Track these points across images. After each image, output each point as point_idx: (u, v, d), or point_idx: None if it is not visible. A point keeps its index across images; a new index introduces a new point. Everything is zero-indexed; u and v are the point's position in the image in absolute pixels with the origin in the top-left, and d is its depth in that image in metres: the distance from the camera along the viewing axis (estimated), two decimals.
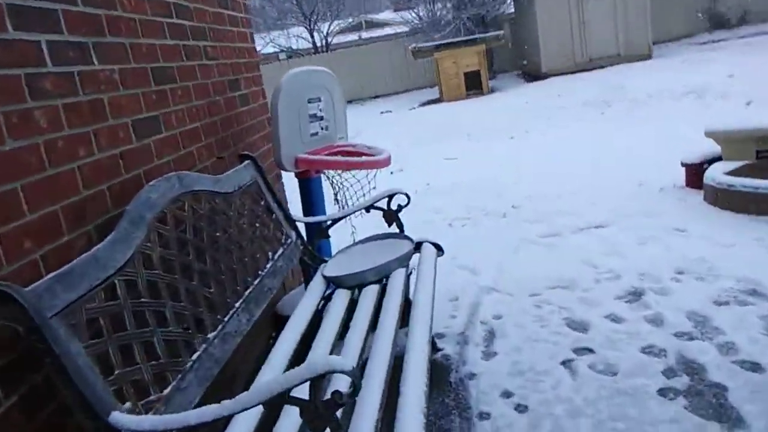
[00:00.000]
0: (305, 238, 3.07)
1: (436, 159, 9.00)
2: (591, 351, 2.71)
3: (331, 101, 3.41)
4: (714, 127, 5.02)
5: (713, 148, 5.06)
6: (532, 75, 16.87)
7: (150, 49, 2.39)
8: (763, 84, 9.53)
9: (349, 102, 21.05)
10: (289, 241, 2.80)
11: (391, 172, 8.67)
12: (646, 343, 2.70)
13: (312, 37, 25.60)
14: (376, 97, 21.03)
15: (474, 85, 16.01)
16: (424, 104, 16.86)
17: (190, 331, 1.81)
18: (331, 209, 3.41)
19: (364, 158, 3.16)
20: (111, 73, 2.07)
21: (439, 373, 2.72)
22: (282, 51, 25.38)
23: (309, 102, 3.21)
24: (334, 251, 3.39)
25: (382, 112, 16.74)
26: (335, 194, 3.57)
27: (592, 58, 15.61)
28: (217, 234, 2.20)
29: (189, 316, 1.84)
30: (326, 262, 2.85)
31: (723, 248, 3.63)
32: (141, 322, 1.64)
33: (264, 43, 25.87)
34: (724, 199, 4.33)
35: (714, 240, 3.78)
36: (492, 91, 16.25)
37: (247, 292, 2.21)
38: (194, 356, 1.77)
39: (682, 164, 5.21)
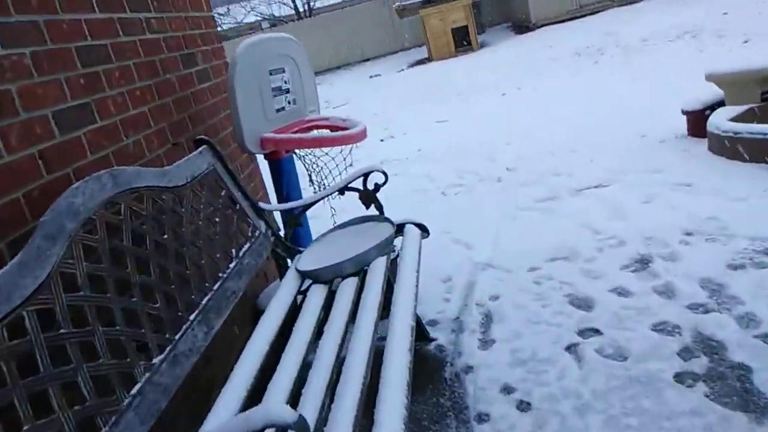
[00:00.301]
0: (281, 226, 2.79)
1: (427, 122, 8.67)
2: (598, 332, 2.45)
3: (297, 71, 3.09)
4: (714, 69, 4.69)
5: (715, 92, 4.74)
6: (522, 26, 16.34)
7: (73, 26, 2.07)
8: (759, 20, 9.13)
9: (337, 68, 20.56)
10: (257, 233, 2.51)
11: (381, 140, 8.35)
12: (658, 319, 2.44)
13: (294, 2, 24.83)
14: (365, 60, 20.49)
15: (463, 42, 15.51)
16: (412, 65, 16.39)
17: (128, 360, 1.54)
18: (307, 192, 3.12)
19: (337, 133, 2.85)
20: (20, 58, 1.76)
21: (433, 367, 2.47)
22: (264, 19, 24.65)
23: (271, 74, 2.88)
24: (315, 237, 3.12)
25: (371, 76, 16.30)
26: (309, 175, 3.27)
27: (582, 5, 15.08)
28: (165, 237, 1.91)
29: (127, 341, 1.57)
30: (301, 253, 2.58)
31: (734, 203, 3.35)
32: (61, 359, 1.37)
33: (245, 12, 25.16)
34: (731, 147, 4.03)
35: (724, 194, 3.49)
36: (481, 46, 15.76)
37: (204, 301, 1.94)
38: (134, 390, 1.51)
39: (683, 112, 4.89)
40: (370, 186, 2.61)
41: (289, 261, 2.64)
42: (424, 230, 2.58)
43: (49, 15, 1.94)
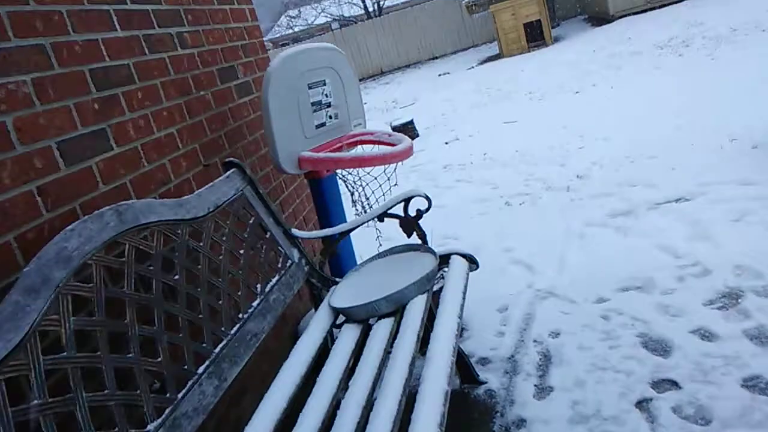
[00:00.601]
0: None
1: (494, 123, 8.29)
2: (675, 385, 2.09)
3: (340, 83, 2.87)
4: None
5: None
6: (599, 18, 15.54)
7: (88, 47, 1.93)
8: None
9: (407, 66, 20.34)
10: (288, 263, 2.32)
11: (446, 143, 8.07)
12: (750, 373, 2.06)
13: (363, 2, 24.79)
14: (434, 58, 20.17)
15: (535, 37, 14.90)
16: (482, 62, 15.93)
17: (115, 430, 1.36)
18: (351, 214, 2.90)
19: (379, 151, 2.62)
20: (19, 86, 1.63)
21: (481, 417, 2.20)
22: (334, 20, 24.76)
23: (310, 87, 2.68)
24: (359, 260, 2.90)
25: (439, 75, 15.98)
26: (352, 195, 3.05)
27: None
28: (176, 277, 1.74)
29: (116, 407, 1.39)
30: (337, 284, 2.36)
31: None
32: None
33: (316, 14, 25.36)
34: None
35: None
36: (555, 40, 15.10)
37: (218, 349, 1.75)
38: None
39: None
40: (412, 212, 2.35)
41: (324, 292, 2.43)
42: (473, 261, 2.30)
43: (58, 37, 1.81)
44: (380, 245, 2.98)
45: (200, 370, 1.64)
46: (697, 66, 8.05)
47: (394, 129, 8.81)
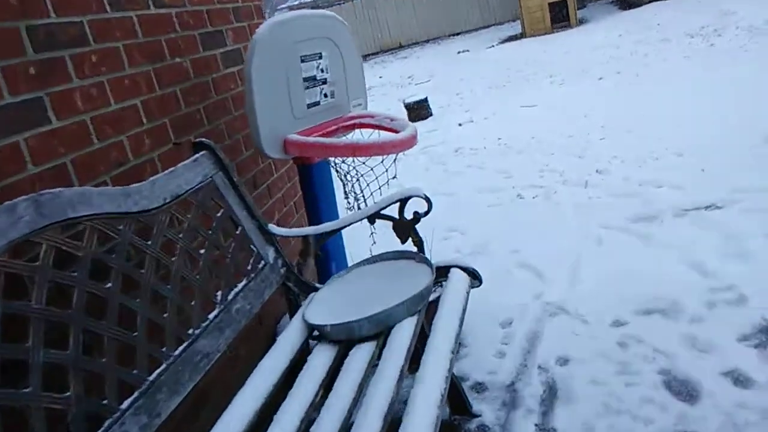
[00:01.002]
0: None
1: (512, 106, 7.89)
2: None
3: (339, 56, 2.52)
4: None
5: None
6: (627, 2, 14.91)
7: (26, 1, 1.60)
8: None
9: (426, 41, 19.76)
10: (261, 265, 2.00)
11: (460, 124, 7.69)
12: None
13: None
14: (455, 34, 19.57)
15: (560, 17, 14.33)
16: (504, 41, 15.38)
17: None
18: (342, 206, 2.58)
19: (378, 139, 2.28)
20: None
21: None
22: None
23: (303, 61, 2.34)
24: (350, 261, 2.59)
25: (458, 52, 15.46)
26: (344, 186, 2.71)
27: None
28: (109, 287, 1.42)
29: None
30: (316, 291, 2.05)
31: None
32: None
33: None
34: None
35: None
36: (580, 22, 14.52)
37: (153, 376, 1.45)
38: None
39: None
40: (408, 214, 2.02)
41: (301, 298, 2.13)
42: (475, 277, 1.98)
43: None
44: (374, 242, 2.66)
45: (124, 405, 1.33)
46: (730, 57, 7.56)
47: (407, 107, 8.43)
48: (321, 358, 1.72)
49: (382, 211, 2.03)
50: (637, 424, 1.88)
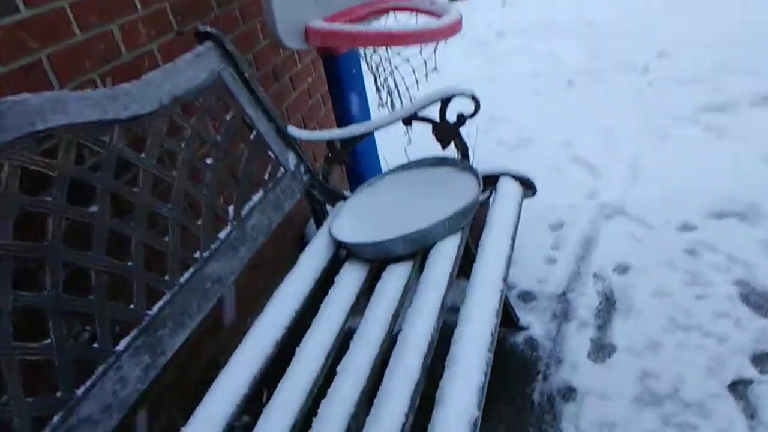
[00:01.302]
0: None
1: None
2: None
3: None
4: None
5: None
6: None
7: None
8: None
9: None
10: (280, 173, 1.78)
11: (503, 4, 7.06)
12: None
13: None
14: None
15: None
16: None
17: None
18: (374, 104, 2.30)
19: (416, 26, 1.95)
20: None
21: (515, 375, 1.72)
22: None
23: None
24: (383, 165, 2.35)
25: None
26: (375, 81, 2.40)
27: None
28: (94, 211, 1.22)
29: None
30: (345, 200, 1.83)
31: None
32: None
33: None
34: None
35: None
36: None
37: (155, 310, 1.26)
38: None
39: None
40: (452, 117, 1.73)
41: (328, 207, 1.92)
42: (529, 186, 1.71)
43: None
44: (409, 141, 2.39)
45: (120, 346, 1.17)
46: None
47: None
48: (351, 276, 1.53)
49: (420, 112, 1.75)
50: (709, 341, 1.66)
